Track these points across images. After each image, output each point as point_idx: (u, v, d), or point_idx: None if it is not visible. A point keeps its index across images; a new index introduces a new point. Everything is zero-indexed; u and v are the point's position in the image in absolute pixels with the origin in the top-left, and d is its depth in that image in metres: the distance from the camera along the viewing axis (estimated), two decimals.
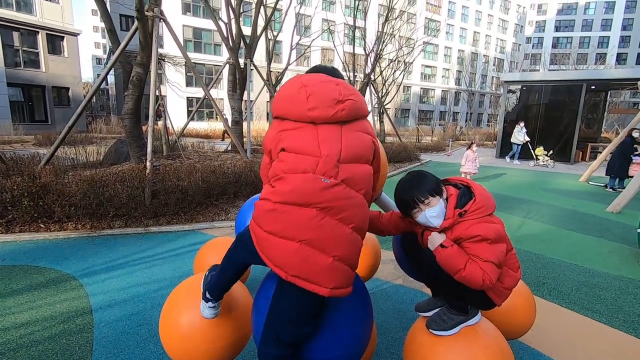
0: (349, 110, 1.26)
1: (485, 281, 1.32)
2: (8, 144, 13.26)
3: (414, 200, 1.44)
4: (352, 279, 1.22)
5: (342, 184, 1.18)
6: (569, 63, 36.51)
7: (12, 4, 18.29)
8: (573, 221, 5.51)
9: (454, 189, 1.50)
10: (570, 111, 13.94)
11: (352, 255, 1.20)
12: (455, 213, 1.42)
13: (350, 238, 1.18)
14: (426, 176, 1.49)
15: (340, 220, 1.17)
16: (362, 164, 1.24)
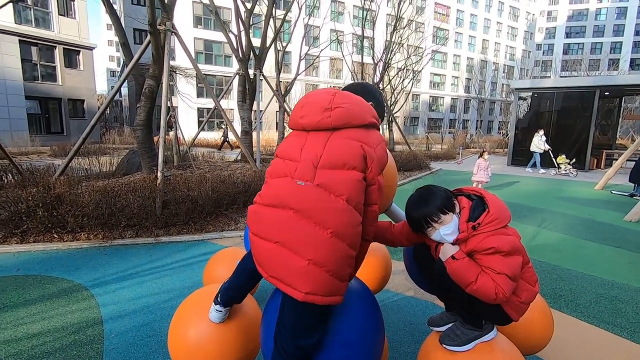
0: (336, 117, 1.26)
1: (498, 294, 1.28)
2: (25, 155, 13.61)
3: (426, 219, 1.41)
4: (337, 288, 1.16)
5: (319, 188, 1.17)
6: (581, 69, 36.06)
7: (32, 21, 18.97)
8: (590, 230, 5.37)
9: (467, 201, 1.46)
10: (584, 118, 13.70)
11: (332, 262, 1.14)
12: (468, 226, 1.38)
13: (329, 243, 1.13)
14: (436, 193, 1.44)
15: (316, 224, 1.14)
16: (345, 170, 1.19)
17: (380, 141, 1.30)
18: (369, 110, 1.32)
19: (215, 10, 9.09)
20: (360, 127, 1.27)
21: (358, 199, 1.18)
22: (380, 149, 1.27)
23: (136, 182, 5.32)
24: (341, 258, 1.15)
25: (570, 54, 52.84)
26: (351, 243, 1.17)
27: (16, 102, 18.48)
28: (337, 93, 1.33)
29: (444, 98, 45.45)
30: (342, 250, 1.15)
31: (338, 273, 1.16)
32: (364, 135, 1.26)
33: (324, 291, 1.14)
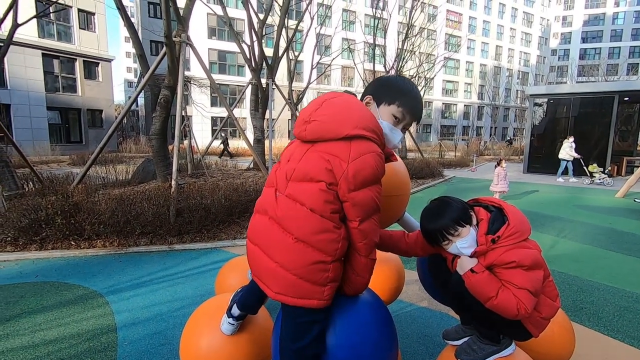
0: (310, 131, 1.25)
1: (520, 310, 1.23)
2: (46, 164, 14.05)
3: (441, 232, 1.36)
4: (311, 292, 1.19)
5: (287, 198, 1.23)
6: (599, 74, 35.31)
7: (54, 35, 19.74)
8: (611, 240, 5.19)
9: (485, 212, 1.40)
10: (602, 124, 13.36)
11: (299, 266, 1.18)
12: (487, 239, 1.32)
13: (294, 247, 1.19)
14: (451, 204, 1.39)
15: (283, 230, 1.22)
16: (312, 183, 1.20)
17: (361, 153, 1.17)
18: (350, 121, 1.19)
19: (229, 21, 9.28)
20: (337, 141, 1.20)
21: (323, 207, 1.18)
22: (358, 163, 1.16)
23: (151, 190, 5.42)
24: (310, 263, 1.18)
25: (587, 59, 51.80)
26: (321, 249, 1.18)
27: (38, 113, 19.17)
28: (324, 102, 1.28)
29: (457, 105, 45.07)
30: (309, 255, 1.18)
31: (308, 277, 1.19)
32: (338, 149, 1.19)
33: (292, 293, 1.20)
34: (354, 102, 1.28)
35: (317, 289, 1.20)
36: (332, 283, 1.23)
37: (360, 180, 1.16)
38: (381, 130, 1.27)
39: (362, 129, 1.20)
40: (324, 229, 1.18)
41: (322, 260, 1.19)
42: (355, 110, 1.24)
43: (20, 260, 3.96)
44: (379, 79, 1.41)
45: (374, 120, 1.25)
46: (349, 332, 1.24)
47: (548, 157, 14.62)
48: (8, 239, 4.32)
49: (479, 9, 45.07)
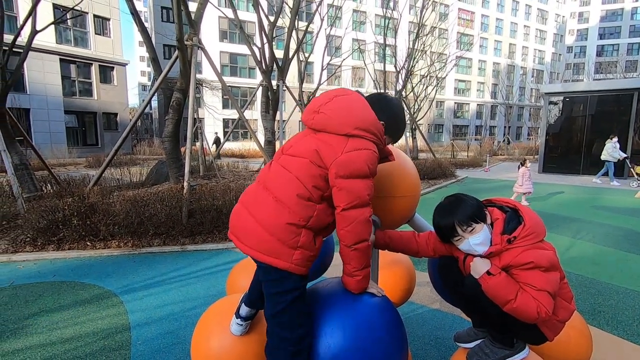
0: (317, 121, 1.36)
1: (540, 313, 1.20)
2: (63, 166, 14.42)
3: (454, 227, 1.35)
4: (281, 252, 1.28)
5: (278, 165, 1.39)
6: (617, 71, 34.35)
7: (71, 40, 20.27)
8: (631, 242, 5.03)
9: (500, 212, 1.38)
10: (621, 122, 13.00)
11: (274, 224, 1.28)
12: (502, 239, 1.30)
13: (273, 206, 1.30)
14: (466, 200, 1.38)
15: (268, 190, 1.35)
16: (300, 157, 1.34)
17: (356, 148, 1.29)
18: (353, 122, 1.32)
19: (240, 24, 9.37)
20: (338, 135, 1.32)
21: (306, 179, 1.30)
22: (352, 154, 1.28)
23: (164, 191, 5.50)
24: (284, 223, 1.28)
25: (604, 56, 50.50)
26: (296, 212, 1.28)
27: (56, 117, 19.70)
28: (335, 98, 1.38)
29: (470, 104, 44.47)
30: (284, 216, 1.28)
31: (280, 236, 1.28)
32: (336, 141, 1.31)
33: (263, 249, 1.29)
34: (359, 104, 1.37)
35: (286, 250, 1.28)
36: (303, 249, 1.30)
37: (350, 169, 1.27)
38: (381, 131, 1.38)
39: (362, 129, 1.32)
40: (303, 195, 1.29)
41: (294, 223, 1.28)
42: (358, 111, 1.35)
43: (39, 260, 4.07)
44: (395, 113, 1.49)
45: (374, 121, 1.35)
46: (358, 334, 1.24)
47: (564, 156, 14.30)
48: (27, 239, 4.44)
49: (491, 6, 44.41)
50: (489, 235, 1.34)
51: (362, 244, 1.30)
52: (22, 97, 17.49)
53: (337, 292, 1.34)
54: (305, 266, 1.31)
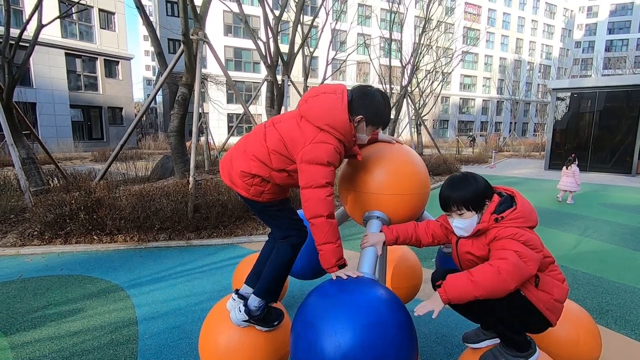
0: (303, 110, 1.63)
1: (502, 273, 1.26)
2: (69, 160, 14.51)
3: (449, 204, 1.47)
4: (237, 183, 1.70)
5: (262, 131, 1.69)
6: (626, 67, 33.81)
7: (76, 34, 20.30)
8: (638, 240, 4.98)
9: (497, 197, 1.48)
10: (630, 118, 12.82)
11: (238, 164, 1.70)
12: (491, 218, 1.40)
13: (243, 156, 1.70)
14: (472, 184, 1.46)
15: (245, 142, 1.75)
16: (278, 134, 1.64)
17: (320, 141, 1.55)
18: (326, 119, 1.56)
19: (245, 18, 9.32)
20: (313, 125, 1.59)
21: (272, 150, 1.63)
22: (316, 145, 1.55)
23: (169, 186, 5.51)
24: (239, 170, 1.68)
25: (613, 51, 49.64)
26: (251, 166, 1.66)
27: (62, 111, 19.79)
28: (320, 95, 1.62)
29: (475, 100, 44.08)
30: (243, 164, 1.68)
31: (241, 177, 1.68)
32: (309, 130, 1.59)
33: (229, 179, 1.76)
34: (336, 105, 1.60)
35: (245, 186, 1.69)
36: (256, 187, 1.68)
37: (311, 157, 1.54)
38: (347, 132, 1.59)
39: (331, 127, 1.57)
40: (262, 159, 1.64)
41: (247, 173, 1.66)
42: (333, 111, 1.58)
43: (47, 254, 4.11)
44: (371, 102, 1.68)
45: (343, 123, 1.58)
46: (368, 332, 1.23)
47: (571, 152, 14.14)
48: (35, 233, 4.48)
49: (498, 0, 43.81)
50: (474, 224, 1.44)
51: (318, 219, 1.53)
52: (28, 91, 17.57)
53: (347, 290, 1.33)
54: (260, 197, 1.70)
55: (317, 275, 2.25)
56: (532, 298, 1.38)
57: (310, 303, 1.34)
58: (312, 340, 1.23)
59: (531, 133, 43.52)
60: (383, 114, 1.71)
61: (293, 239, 1.77)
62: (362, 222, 1.79)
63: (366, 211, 1.72)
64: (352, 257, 1.94)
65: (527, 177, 11.93)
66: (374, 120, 1.68)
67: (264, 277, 1.77)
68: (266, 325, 1.73)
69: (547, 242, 4.91)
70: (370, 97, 1.68)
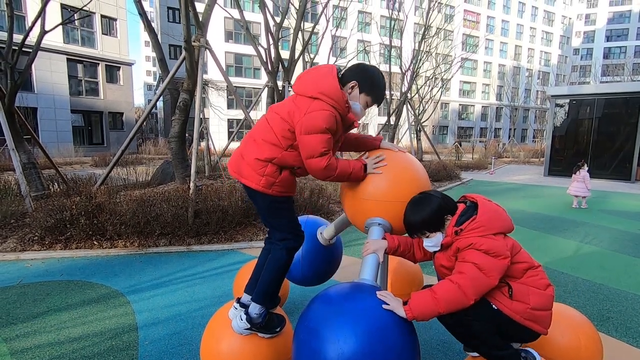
0: (295, 86, 1.73)
1: (461, 287, 1.28)
2: (69, 165, 14.52)
3: (411, 229, 1.56)
4: (246, 174, 1.71)
5: (264, 118, 1.77)
6: (624, 74, 34.03)
7: (78, 40, 20.44)
8: (639, 247, 4.98)
9: (462, 206, 1.52)
10: (629, 125, 12.89)
11: (248, 157, 1.72)
12: (452, 231, 1.45)
13: (253, 144, 1.73)
14: (427, 206, 1.51)
15: (251, 134, 1.78)
16: (278, 115, 1.71)
17: (314, 110, 1.60)
18: (317, 87, 1.63)
19: (246, 25, 9.40)
20: (306, 97, 1.65)
21: (278, 130, 1.67)
22: (310, 115, 1.59)
23: (170, 191, 5.52)
24: (253, 157, 1.70)
25: (611, 58, 50.00)
26: (262, 150, 1.68)
27: (63, 116, 19.86)
28: (310, 70, 1.72)
29: (475, 106, 44.27)
30: (254, 151, 1.71)
31: (252, 166, 1.70)
32: (304, 103, 1.64)
33: (238, 173, 1.76)
34: (326, 74, 1.67)
35: (256, 177, 1.69)
36: (267, 177, 1.68)
37: (308, 127, 1.59)
38: (340, 98, 1.64)
39: (322, 94, 1.63)
40: (271, 141, 1.68)
41: (260, 159, 1.68)
42: (322, 80, 1.65)
43: (47, 259, 4.10)
44: (366, 69, 1.76)
45: (334, 89, 1.63)
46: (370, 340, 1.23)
47: (570, 159, 14.20)
48: (35, 238, 4.48)
49: (497, 8, 44.21)
50: (440, 239, 1.50)
51: (329, 178, 1.66)
52: (29, 96, 17.64)
53: (350, 297, 1.34)
54: (270, 189, 1.69)
55: (319, 282, 2.25)
56: (507, 310, 1.36)
57: (313, 310, 1.35)
58: (316, 347, 1.23)
59: (530, 139, 43.66)
60: (377, 82, 1.75)
61: (290, 242, 1.78)
62: (363, 228, 1.80)
63: (368, 218, 1.72)
64: (354, 263, 1.95)
65: (526, 183, 11.95)
66: (368, 88, 1.72)
67: (260, 282, 1.78)
68: (268, 332, 1.72)
69: (547, 249, 4.89)
70: (363, 66, 1.77)
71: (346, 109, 1.67)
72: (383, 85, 1.79)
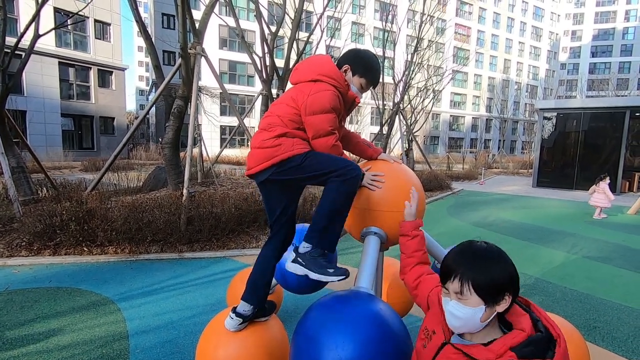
0: (293, 76, 1.79)
1: None
2: (58, 170, 14.30)
3: (452, 275, 1.06)
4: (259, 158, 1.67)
5: (269, 110, 1.78)
6: (609, 89, 35.06)
7: (71, 44, 20.29)
8: (625, 258, 5.10)
9: (529, 325, 1.02)
10: (614, 138, 13.24)
11: (259, 144, 1.69)
12: (505, 348, 0.98)
13: (261, 132, 1.72)
14: (498, 266, 1.04)
15: (263, 124, 1.75)
16: (281, 102, 1.74)
17: (318, 90, 1.64)
18: (315, 70, 1.69)
19: (242, 33, 9.47)
20: (306, 82, 1.70)
21: (279, 113, 1.69)
22: (314, 96, 1.63)
23: (162, 198, 5.49)
24: (260, 140, 1.68)
25: (596, 74, 51.55)
26: (273, 131, 1.66)
27: (53, 120, 19.59)
28: (306, 60, 1.81)
29: (465, 117, 45.00)
30: (264, 135, 1.68)
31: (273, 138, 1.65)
32: (306, 87, 1.68)
33: (256, 163, 1.68)
34: (321, 59, 1.75)
35: (273, 151, 1.64)
36: (285, 142, 1.65)
37: (313, 108, 1.63)
38: (339, 77, 1.70)
39: (321, 75, 1.69)
40: (280, 124, 1.67)
41: (279, 134, 1.65)
42: (319, 64, 1.73)
43: (35, 265, 4.03)
44: (357, 53, 1.82)
45: (332, 70, 1.70)
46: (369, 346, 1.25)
47: (557, 171, 14.50)
48: (23, 243, 4.40)
49: (487, 22, 45.31)
50: (477, 320, 1.02)
51: (332, 151, 1.67)
52: (19, 99, 17.38)
53: (346, 304, 1.36)
54: (292, 150, 1.63)
55: (313, 290, 2.26)
56: None
57: (311, 318, 1.36)
58: (314, 354, 1.25)
59: (519, 150, 44.48)
60: (370, 64, 1.79)
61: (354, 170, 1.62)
62: (359, 237, 1.83)
63: (364, 227, 1.76)
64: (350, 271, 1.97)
65: (516, 194, 12.14)
66: (362, 70, 1.76)
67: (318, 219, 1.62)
68: (264, 316, 1.81)
69: (535, 259, 4.98)
70: (355, 50, 1.82)
71: (346, 86, 1.73)
72: (376, 67, 1.82)
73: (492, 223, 7.23)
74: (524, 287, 3.86)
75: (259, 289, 1.78)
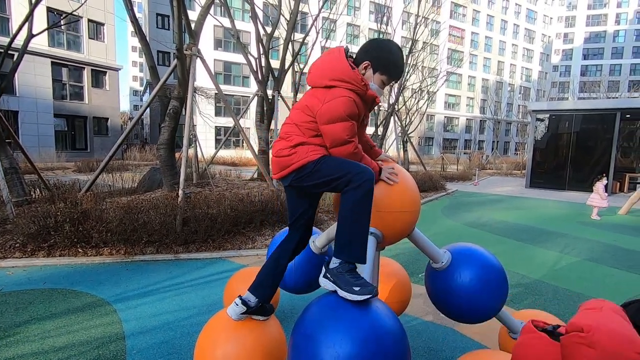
0: (308, 80, 1.70)
1: None
2: (51, 170, 14.15)
3: None
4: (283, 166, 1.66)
5: (287, 120, 1.73)
6: (600, 91, 35.55)
7: (64, 44, 20.11)
8: (616, 258, 5.19)
9: None
10: (605, 140, 13.44)
11: (278, 152, 1.68)
12: None
13: (278, 142, 1.69)
14: None
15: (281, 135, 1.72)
16: (297, 109, 1.69)
17: (334, 97, 1.55)
18: (327, 75, 1.59)
19: (237, 34, 9.48)
20: (320, 88, 1.62)
21: (297, 121, 1.65)
22: (329, 104, 1.55)
23: (158, 199, 5.47)
24: (278, 148, 1.68)
25: (588, 76, 52.23)
26: (291, 139, 1.64)
27: (45, 120, 19.39)
28: (319, 59, 1.70)
29: (459, 119, 45.34)
30: (284, 144, 1.65)
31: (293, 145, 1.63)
32: (320, 93, 1.61)
33: (280, 169, 1.68)
34: (334, 59, 1.62)
35: (291, 158, 1.62)
36: (300, 149, 1.62)
37: (328, 117, 1.56)
38: (355, 79, 1.57)
39: (335, 80, 1.58)
40: (297, 133, 1.64)
41: (298, 142, 1.62)
42: (332, 66, 1.60)
43: (28, 267, 4.00)
44: (379, 46, 1.69)
45: (347, 72, 1.57)
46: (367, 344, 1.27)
47: (550, 172, 14.68)
48: (17, 245, 4.37)
49: (481, 25, 45.73)
50: None
51: (352, 158, 1.62)
52: (11, 100, 17.19)
53: (344, 303, 1.38)
54: (307, 156, 1.60)
55: (310, 290, 2.28)
56: None
57: (309, 316, 1.38)
58: (312, 352, 1.27)
59: (512, 151, 44.90)
60: (391, 59, 1.65)
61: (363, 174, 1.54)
62: None
63: None
64: None
65: (509, 195, 12.27)
66: (382, 66, 1.63)
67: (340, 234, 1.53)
68: (263, 315, 1.79)
69: (528, 260, 5.05)
70: (375, 43, 1.67)
71: (364, 87, 1.59)
72: (400, 62, 1.68)
73: (486, 223, 7.31)
74: (518, 287, 3.92)
75: (267, 288, 1.79)
